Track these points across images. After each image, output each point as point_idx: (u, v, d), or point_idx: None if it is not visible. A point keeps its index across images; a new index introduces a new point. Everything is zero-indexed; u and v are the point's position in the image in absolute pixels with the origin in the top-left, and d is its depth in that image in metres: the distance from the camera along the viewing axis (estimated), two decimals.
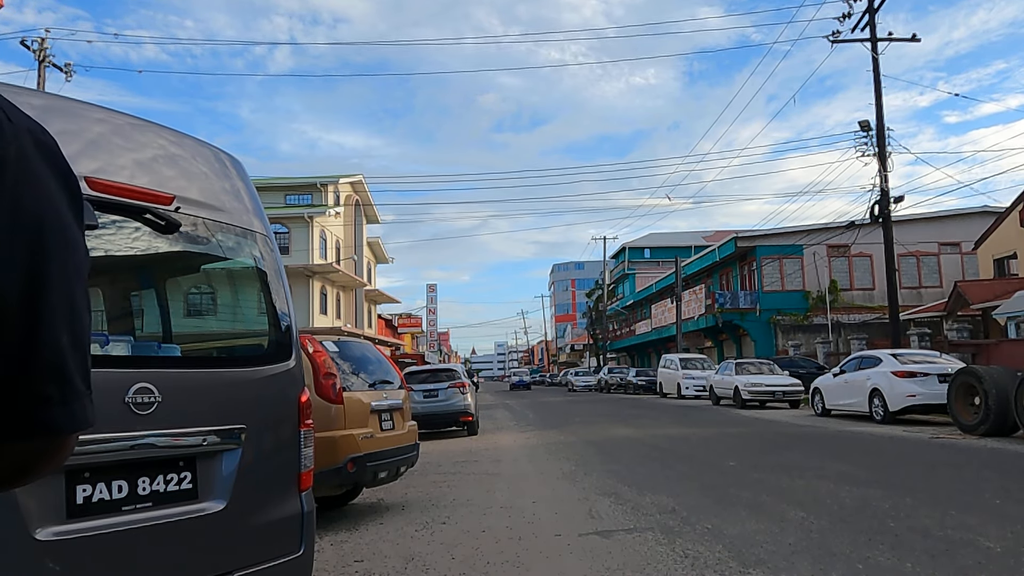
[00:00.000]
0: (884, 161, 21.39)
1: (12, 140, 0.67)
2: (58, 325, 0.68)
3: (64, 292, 0.69)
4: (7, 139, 0.66)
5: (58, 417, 0.69)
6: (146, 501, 2.47)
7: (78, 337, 0.71)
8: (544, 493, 7.54)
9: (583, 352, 79.85)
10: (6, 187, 0.65)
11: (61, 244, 0.70)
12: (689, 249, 55.32)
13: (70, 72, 23.47)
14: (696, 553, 4.84)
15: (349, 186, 41.32)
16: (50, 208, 0.69)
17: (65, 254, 0.70)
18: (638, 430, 14.77)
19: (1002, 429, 11.40)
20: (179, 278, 3.36)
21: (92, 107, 2.61)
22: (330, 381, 5.94)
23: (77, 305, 0.71)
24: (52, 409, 0.68)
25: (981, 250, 28.65)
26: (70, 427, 0.70)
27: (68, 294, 0.70)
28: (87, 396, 0.73)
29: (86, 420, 0.72)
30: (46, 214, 0.69)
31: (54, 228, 0.69)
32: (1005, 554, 4.57)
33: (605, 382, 43.80)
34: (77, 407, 0.71)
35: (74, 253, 0.72)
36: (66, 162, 0.74)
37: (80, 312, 0.72)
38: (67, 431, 0.71)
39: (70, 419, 0.70)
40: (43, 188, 0.69)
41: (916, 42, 22.24)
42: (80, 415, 0.71)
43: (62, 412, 0.69)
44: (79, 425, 0.71)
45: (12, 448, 0.69)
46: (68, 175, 0.73)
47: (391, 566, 4.90)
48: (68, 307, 0.70)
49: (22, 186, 0.67)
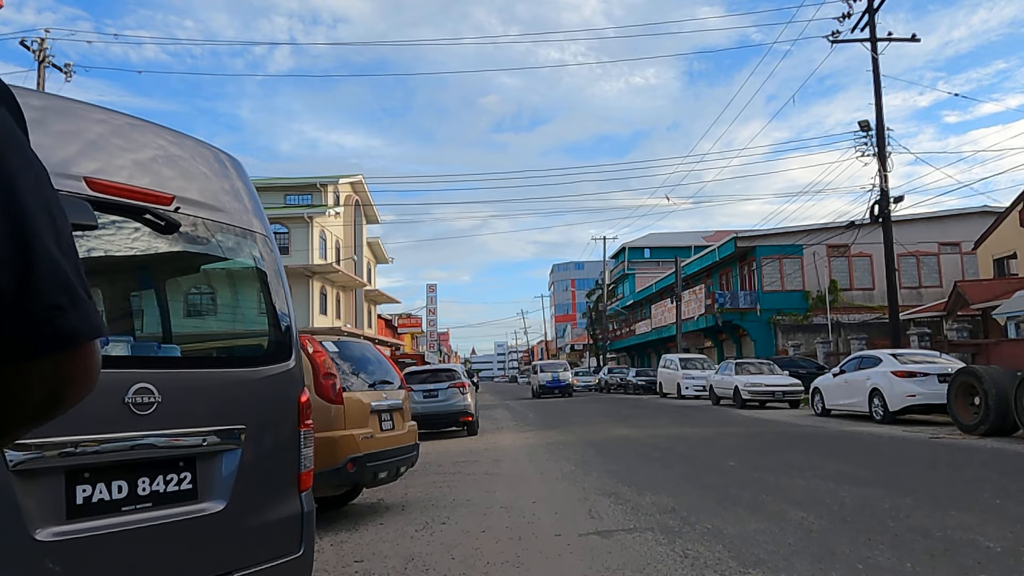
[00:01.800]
0: (884, 161, 21.39)
1: None
2: (45, 234, 0.67)
3: (41, 202, 0.68)
4: None
5: (74, 323, 0.67)
6: (146, 501, 2.47)
7: (66, 244, 0.70)
8: (544, 493, 7.54)
9: (583, 352, 79.84)
10: None
11: (21, 158, 0.69)
12: (689, 249, 55.32)
13: (70, 72, 23.47)
14: (696, 553, 4.84)
15: (349, 186, 41.31)
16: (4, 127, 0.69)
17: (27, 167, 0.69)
18: (638, 430, 14.77)
19: (1002, 429, 11.40)
20: (179, 278, 3.36)
21: (92, 107, 2.61)
22: (330, 381, 5.94)
23: (55, 213, 0.70)
24: (66, 316, 0.67)
25: (981, 250, 28.65)
26: (89, 332, 0.69)
27: (44, 203, 0.69)
28: (91, 303, 0.71)
29: (100, 327, 0.71)
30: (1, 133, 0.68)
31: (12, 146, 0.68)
32: (1005, 554, 4.57)
33: (605, 382, 43.80)
34: (90, 311, 0.69)
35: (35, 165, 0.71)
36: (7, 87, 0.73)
37: (59, 220, 0.70)
38: (87, 336, 0.69)
39: (88, 323, 0.68)
40: None
41: (916, 42, 22.24)
42: (95, 319, 0.70)
43: (76, 317, 0.68)
44: (96, 330, 0.70)
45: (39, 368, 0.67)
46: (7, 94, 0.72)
47: (391, 566, 4.90)
48: (48, 216, 0.69)
49: None
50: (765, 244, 34.65)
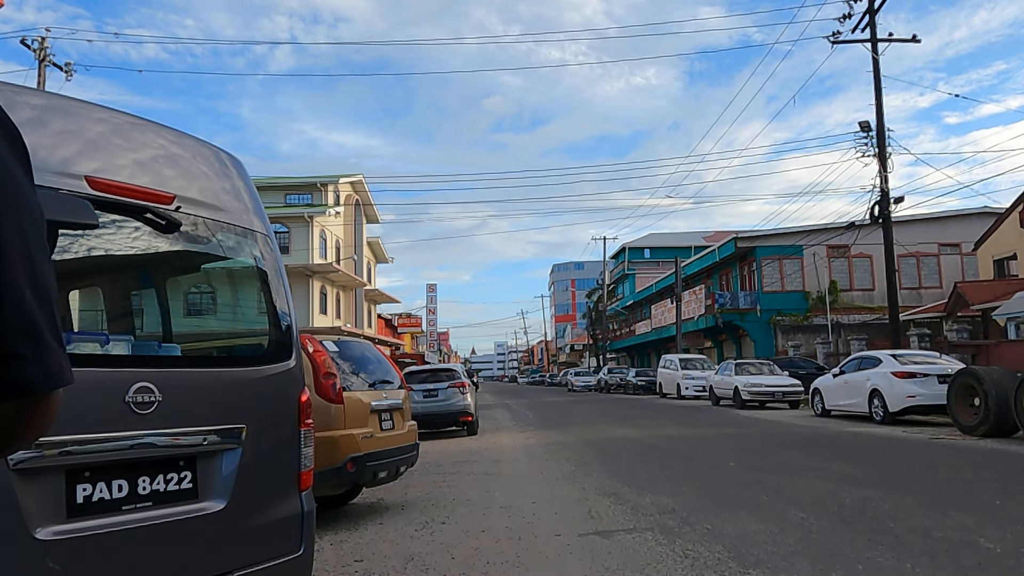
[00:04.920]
0: (884, 162, 21.39)
1: None
2: (19, 279, 0.66)
3: (20, 246, 0.67)
4: None
5: (34, 374, 0.66)
6: (146, 501, 2.47)
7: (42, 291, 0.69)
8: (544, 493, 7.54)
9: (583, 352, 79.83)
10: None
11: (11, 200, 0.67)
12: (689, 249, 55.29)
13: (70, 71, 23.46)
14: (696, 553, 4.84)
15: (349, 186, 41.32)
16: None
17: (17, 209, 0.67)
18: (638, 430, 14.77)
19: (1002, 430, 11.40)
20: (179, 277, 3.36)
21: (92, 106, 2.60)
22: (330, 381, 5.94)
23: (36, 259, 0.69)
24: (26, 366, 0.66)
25: (981, 251, 28.65)
26: (46, 384, 0.68)
27: (25, 248, 0.67)
28: (61, 352, 0.70)
29: (63, 377, 0.69)
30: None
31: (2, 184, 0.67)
32: (1005, 554, 4.57)
33: (605, 382, 43.80)
34: (52, 363, 0.68)
35: (27, 208, 0.69)
36: (11, 121, 0.72)
37: (41, 267, 0.69)
38: (44, 388, 0.68)
39: (46, 376, 0.67)
40: None
41: (916, 43, 22.23)
42: (56, 372, 0.68)
43: (37, 369, 0.67)
44: (56, 382, 0.68)
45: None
46: (12, 130, 0.71)
47: (391, 566, 4.90)
48: (27, 262, 0.67)
49: None
50: (765, 244, 34.65)
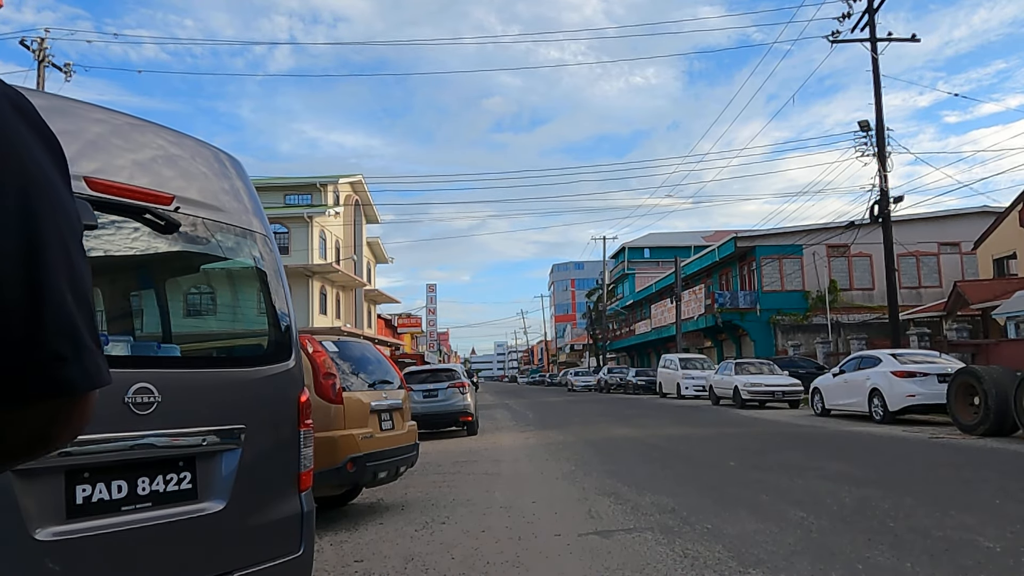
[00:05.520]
0: (884, 161, 21.39)
1: None
2: (60, 283, 0.68)
3: (61, 250, 0.69)
4: None
5: (73, 375, 0.68)
6: (146, 501, 2.47)
7: (81, 294, 0.71)
8: (544, 493, 7.54)
9: (583, 352, 79.82)
10: None
11: (51, 205, 0.69)
12: (689, 249, 55.31)
13: (70, 72, 23.47)
14: (696, 553, 4.84)
15: (349, 186, 41.32)
16: (36, 170, 0.69)
17: (56, 214, 0.69)
18: (637, 430, 14.77)
19: (1002, 429, 11.40)
20: (179, 278, 3.36)
21: (91, 107, 2.60)
22: (330, 381, 5.94)
23: (76, 263, 0.71)
24: (66, 367, 0.68)
25: (981, 250, 28.66)
26: (85, 384, 0.70)
27: (65, 252, 0.69)
28: (99, 353, 0.72)
29: (101, 377, 0.71)
30: (32, 175, 0.68)
31: (42, 190, 0.69)
32: (1004, 554, 4.57)
33: (605, 382, 43.79)
34: (90, 364, 0.70)
35: (66, 213, 0.71)
36: (47, 126, 0.73)
37: (80, 270, 0.71)
38: (83, 388, 0.70)
39: (84, 376, 0.69)
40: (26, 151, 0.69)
41: (916, 42, 22.24)
42: (95, 372, 0.70)
43: (77, 369, 0.68)
44: (95, 382, 0.70)
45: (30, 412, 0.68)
46: (50, 138, 0.73)
47: (391, 566, 4.90)
48: (67, 265, 0.69)
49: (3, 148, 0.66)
50: (765, 244, 34.65)
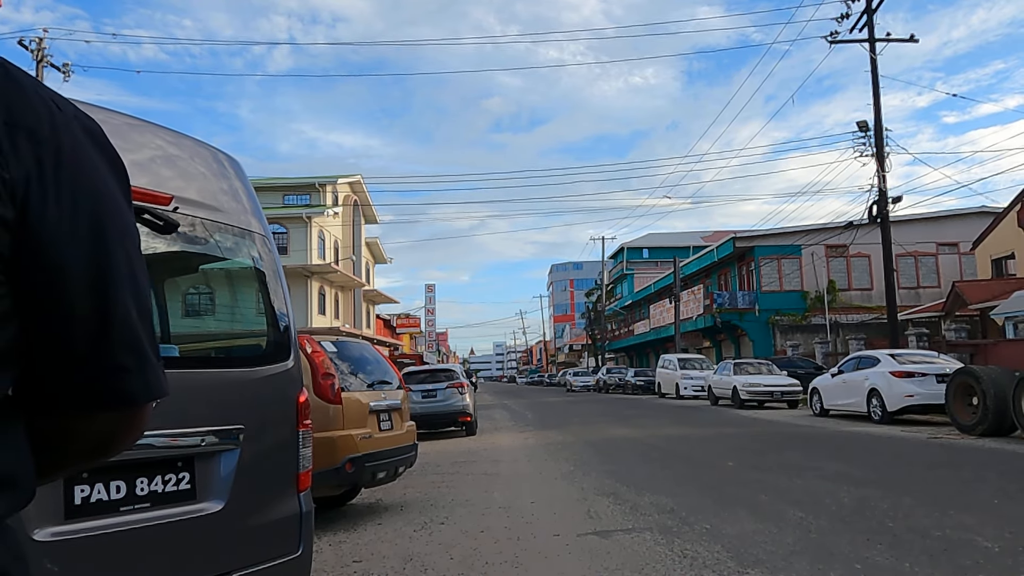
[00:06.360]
0: (882, 161, 21.41)
1: (64, 127, 0.69)
2: (126, 298, 0.71)
3: (127, 268, 0.72)
4: (59, 127, 0.68)
5: (135, 386, 0.71)
6: (144, 501, 2.47)
7: (145, 310, 0.74)
8: (543, 493, 7.54)
9: (581, 352, 79.84)
10: (65, 172, 0.68)
11: (118, 223, 0.72)
12: (687, 249, 55.32)
13: (68, 72, 23.44)
14: (695, 553, 4.84)
15: (347, 186, 41.32)
16: (105, 190, 0.72)
17: (123, 233, 0.73)
18: (636, 430, 14.77)
19: (1000, 429, 11.41)
20: (177, 278, 3.35)
21: (89, 107, 2.60)
22: (328, 381, 5.93)
23: (139, 280, 0.73)
24: (128, 379, 0.70)
25: (979, 250, 28.68)
26: (146, 396, 0.72)
27: (131, 270, 0.72)
28: (159, 365, 0.75)
29: (161, 389, 0.74)
30: (103, 196, 0.71)
31: (110, 209, 0.72)
32: (1003, 554, 4.57)
33: (603, 382, 43.80)
34: (152, 376, 0.73)
35: (131, 233, 0.74)
36: (112, 147, 0.77)
37: (143, 286, 0.74)
38: (143, 400, 0.72)
39: (145, 388, 0.72)
40: (97, 172, 0.72)
41: (914, 43, 22.27)
42: (155, 384, 0.73)
43: (138, 381, 0.71)
44: (155, 394, 0.73)
45: (93, 420, 0.71)
46: (116, 159, 0.77)
47: (389, 566, 4.89)
48: (132, 282, 0.72)
49: (79, 171, 0.69)
50: (763, 244, 34.67)
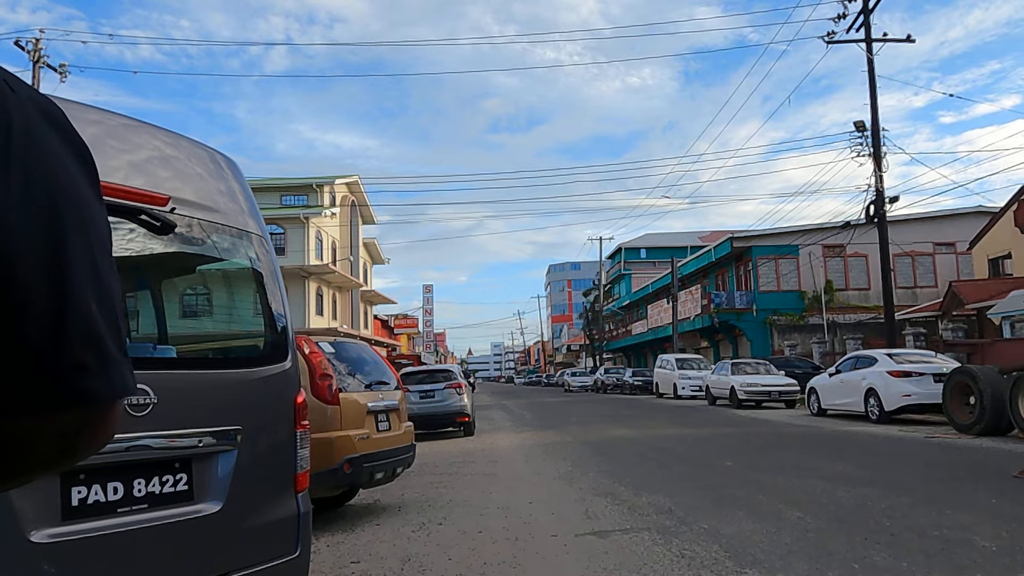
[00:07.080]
0: (879, 161, 21.45)
1: (16, 109, 0.65)
2: (86, 294, 0.67)
3: (88, 261, 0.68)
4: (10, 108, 0.65)
5: (96, 385, 0.68)
6: (142, 503, 2.46)
7: (108, 305, 0.70)
8: (541, 494, 7.54)
9: (579, 352, 79.84)
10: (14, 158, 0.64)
11: (79, 212, 0.69)
12: (685, 249, 55.36)
13: (65, 73, 23.40)
14: (693, 553, 4.84)
15: (345, 187, 41.30)
16: (64, 176, 0.68)
17: (84, 223, 0.69)
18: (634, 430, 14.78)
19: (997, 428, 11.43)
20: (175, 279, 3.35)
21: (87, 108, 2.60)
22: (326, 382, 5.93)
23: (102, 272, 0.70)
24: (88, 377, 0.67)
25: (976, 250, 28.72)
26: (108, 394, 0.69)
27: (92, 263, 0.69)
28: (124, 363, 0.71)
29: (125, 387, 0.71)
30: (60, 182, 0.68)
31: (70, 196, 0.68)
32: (1000, 553, 4.58)
33: (601, 382, 43.79)
34: (114, 374, 0.69)
35: (94, 224, 0.71)
36: (76, 133, 0.73)
37: (106, 279, 0.70)
38: (106, 398, 0.69)
39: (108, 386, 0.69)
40: (56, 158, 0.69)
41: (911, 43, 22.32)
42: (119, 382, 0.70)
43: (99, 379, 0.68)
44: (118, 392, 0.70)
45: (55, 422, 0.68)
46: (80, 146, 0.73)
47: (388, 567, 4.89)
48: (93, 274, 0.69)
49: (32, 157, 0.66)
50: (761, 244, 34.70)
